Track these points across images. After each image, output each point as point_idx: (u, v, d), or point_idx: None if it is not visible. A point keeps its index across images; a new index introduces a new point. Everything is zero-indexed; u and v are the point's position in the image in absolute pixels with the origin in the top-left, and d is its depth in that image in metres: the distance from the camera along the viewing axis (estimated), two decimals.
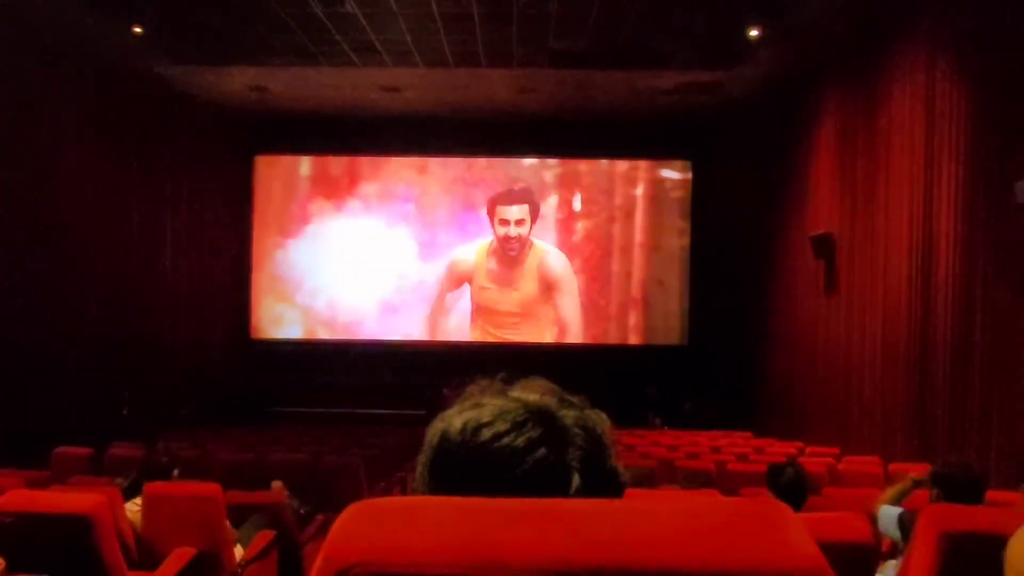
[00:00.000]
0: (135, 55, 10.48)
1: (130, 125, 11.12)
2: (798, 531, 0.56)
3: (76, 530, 3.07)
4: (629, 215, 14.16)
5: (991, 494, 4.07)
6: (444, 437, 0.72)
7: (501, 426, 0.70)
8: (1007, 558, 1.19)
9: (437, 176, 14.42)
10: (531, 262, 14.16)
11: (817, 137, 10.18)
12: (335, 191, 14.46)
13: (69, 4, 8.83)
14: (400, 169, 14.43)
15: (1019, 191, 5.95)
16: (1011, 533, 1.20)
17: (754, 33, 9.47)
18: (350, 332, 14.29)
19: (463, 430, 0.71)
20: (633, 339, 14.15)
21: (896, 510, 3.34)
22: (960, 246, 6.97)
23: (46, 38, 9.32)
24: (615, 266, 14.18)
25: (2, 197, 8.59)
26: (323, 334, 14.34)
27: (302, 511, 5.64)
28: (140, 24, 9.56)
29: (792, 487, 3.29)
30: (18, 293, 8.77)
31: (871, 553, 2.54)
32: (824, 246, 9.59)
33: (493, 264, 14.25)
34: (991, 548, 1.22)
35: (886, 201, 8.35)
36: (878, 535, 3.40)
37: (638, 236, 14.15)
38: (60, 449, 6.82)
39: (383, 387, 13.31)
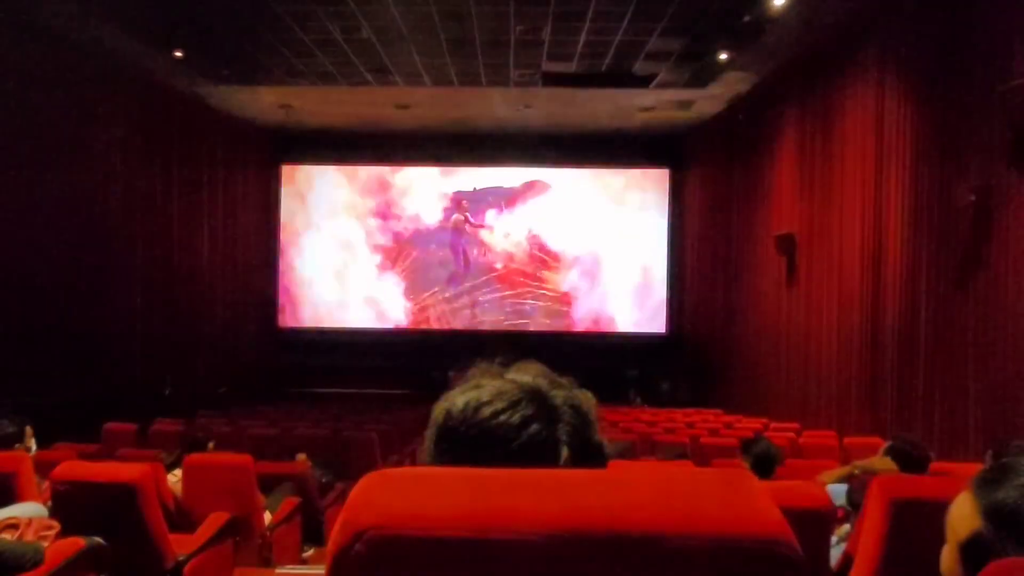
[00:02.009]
0: (176, 76, 10.48)
1: (172, 137, 11.11)
2: (763, 498, 0.56)
3: (123, 497, 3.06)
4: (616, 219, 14.15)
5: (934, 465, 4.08)
6: (448, 415, 0.72)
7: (498, 405, 0.70)
8: (948, 521, 1.18)
9: (446, 180, 14.40)
10: None
11: (779, 147, 10.17)
12: (354, 194, 14.43)
13: (119, 33, 8.84)
14: (411, 175, 14.40)
15: (960, 196, 5.96)
16: (952, 499, 1.19)
17: (723, 57, 9.45)
18: (366, 321, 14.29)
19: (464, 408, 0.71)
20: (618, 327, 14.15)
21: (842, 487, 3.33)
22: (906, 243, 6.97)
23: (100, 62, 9.32)
24: (604, 264, 14.17)
25: (61, 200, 8.59)
26: (342, 323, 14.32)
27: (323, 480, 5.64)
28: (181, 49, 9.59)
29: (764, 458, 3.28)
30: (74, 286, 8.76)
31: (828, 518, 2.53)
32: (786, 244, 9.59)
33: None
34: (935, 513, 1.21)
35: (841, 204, 8.35)
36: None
37: (624, 237, 14.14)
38: (109, 425, 6.84)
39: (395, 369, 13.30)
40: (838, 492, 3.31)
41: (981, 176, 5.88)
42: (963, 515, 1.14)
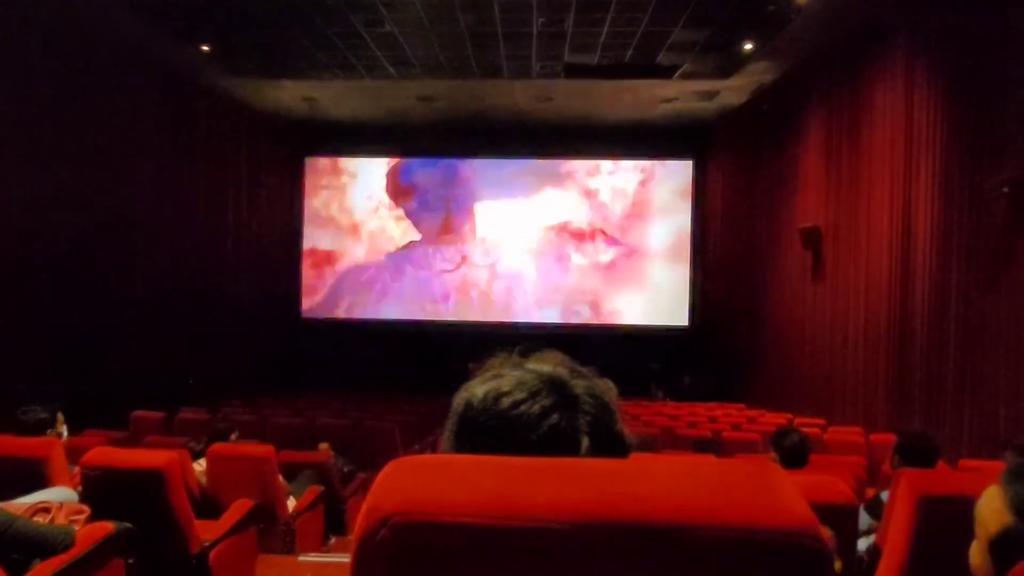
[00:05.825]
0: (203, 70, 10.60)
1: (198, 130, 11.23)
2: (791, 490, 0.55)
3: (150, 483, 3.10)
4: (639, 211, 14.07)
5: (964, 461, 4.00)
6: (468, 405, 0.72)
7: (519, 395, 0.70)
8: (977, 517, 1.16)
9: (463, 174, 14.40)
10: None
11: (805, 139, 10.04)
12: (374, 188, 14.50)
13: (148, 28, 8.98)
14: (430, 169, 14.44)
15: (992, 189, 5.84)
16: (980, 495, 1.17)
17: (748, 47, 9.33)
18: (388, 312, 14.37)
19: (485, 399, 0.71)
20: (640, 320, 14.07)
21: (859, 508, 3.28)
22: (936, 237, 6.85)
23: (129, 56, 9.47)
24: (627, 257, 14.10)
25: (88, 193, 8.72)
26: (364, 314, 14.42)
27: (346, 469, 5.69)
28: (207, 44, 9.71)
29: (796, 450, 3.25)
30: (102, 278, 8.90)
31: (854, 514, 2.51)
32: (812, 237, 9.48)
33: None
34: (963, 509, 1.19)
35: (868, 196, 8.22)
36: (862, 497, 3.36)
37: (647, 229, 14.06)
38: (137, 413, 6.95)
39: (416, 360, 13.36)
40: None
41: (1015, 168, 5.75)
42: (992, 510, 1.12)
